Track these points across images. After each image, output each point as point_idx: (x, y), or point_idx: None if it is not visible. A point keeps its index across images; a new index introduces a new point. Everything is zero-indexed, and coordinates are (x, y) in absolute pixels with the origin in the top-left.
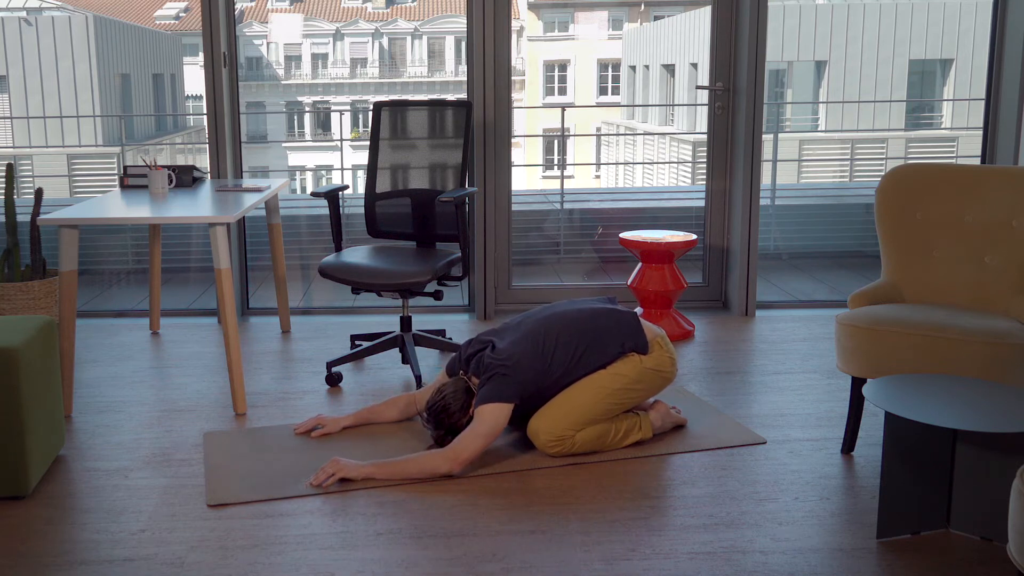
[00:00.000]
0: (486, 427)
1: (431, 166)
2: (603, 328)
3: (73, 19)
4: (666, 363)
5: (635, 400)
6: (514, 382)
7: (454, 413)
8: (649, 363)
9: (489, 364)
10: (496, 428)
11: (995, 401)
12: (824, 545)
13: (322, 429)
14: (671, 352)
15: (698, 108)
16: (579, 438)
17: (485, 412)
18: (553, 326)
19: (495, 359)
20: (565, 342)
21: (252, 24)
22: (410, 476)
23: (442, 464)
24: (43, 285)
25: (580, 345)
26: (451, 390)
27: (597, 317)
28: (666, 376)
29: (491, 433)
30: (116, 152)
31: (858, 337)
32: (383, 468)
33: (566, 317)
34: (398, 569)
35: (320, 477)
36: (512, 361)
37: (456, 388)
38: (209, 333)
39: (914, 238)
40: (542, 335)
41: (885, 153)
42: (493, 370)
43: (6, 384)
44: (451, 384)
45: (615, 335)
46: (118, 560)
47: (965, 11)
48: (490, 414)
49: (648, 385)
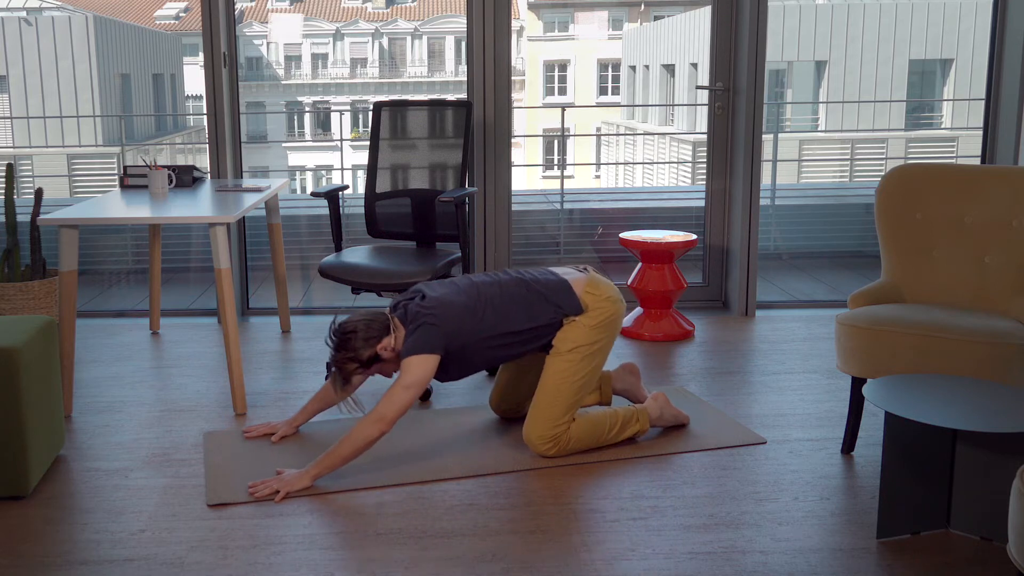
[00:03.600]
0: (412, 378)
1: (431, 166)
2: (534, 292)
3: (73, 19)
4: (607, 309)
5: (603, 358)
6: (440, 333)
7: (360, 340)
8: (591, 321)
9: (416, 313)
10: (422, 380)
11: (995, 401)
12: (824, 545)
13: (279, 433)
14: (606, 292)
15: (698, 108)
16: (574, 435)
17: (411, 364)
18: (486, 287)
19: (423, 307)
20: (496, 305)
21: (252, 24)
22: (350, 456)
23: (372, 429)
24: (43, 285)
25: (511, 308)
26: (370, 318)
27: (528, 284)
28: (615, 319)
29: (417, 384)
30: (116, 152)
31: (858, 337)
32: (324, 462)
33: (500, 282)
34: (398, 569)
35: (263, 492)
36: (439, 311)
37: (375, 318)
38: (209, 333)
39: (914, 238)
40: (475, 293)
41: (885, 153)
42: (420, 319)
43: (6, 384)
44: (373, 314)
45: (545, 299)
46: (118, 560)
47: (965, 11)
48: (416, 366)
49: (605, 336)
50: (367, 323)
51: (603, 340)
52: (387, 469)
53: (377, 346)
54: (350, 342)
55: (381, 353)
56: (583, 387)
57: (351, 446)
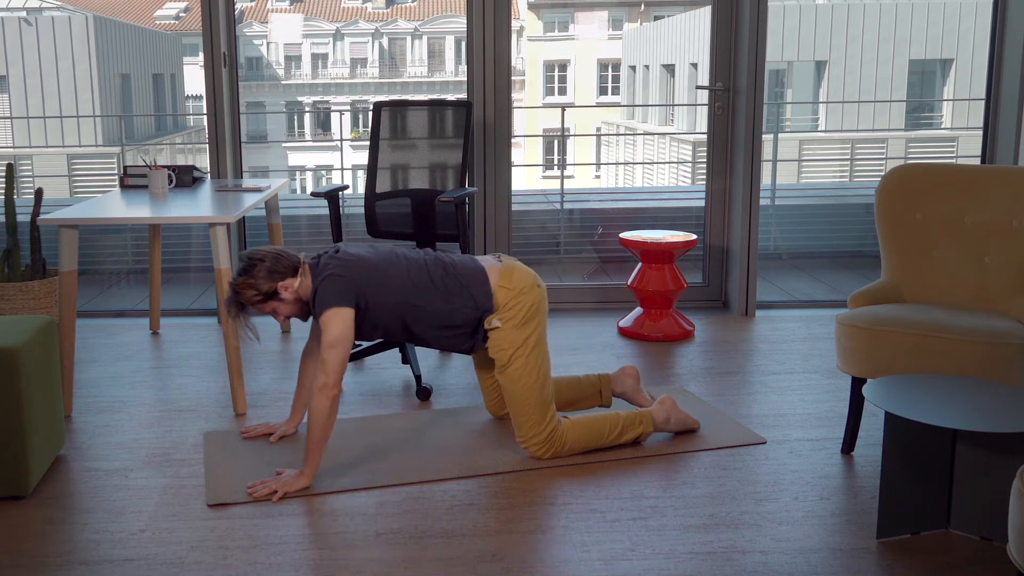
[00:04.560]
0: (332, 336)
1: (431, 166)
2: (452, 276)
3: (73, 19)
4: (525, 301)
5: (543, 344)
6: (346, 284)
7: (264, 271)
8: (514, 320)
9: (325, 264)
10: (343, 334)
11: (995, 401)
12: (824, 545)
13: (278, 433)
14: (520, 283)
15: (698, 108)
16: (570, 437)
17: (327, 321)
18: (405, 257)
19: (333, 259)
20: (412, 274)
21: (252, 24)
22: (321, 436)
23: (322, 400)
24: (43, 285)
25: (426, 283)
26: (282, 254)
27: (446, 265)
28: (536, 306)
29: (340, 340)
30: (116, 152)
31: (858, 337)
32: (309, 457)
33: (422, 259)
34: (398, 569)
35: (261, 492)
36: (347, 264)
37: (287, 256)
38: (209, 333)
39: (914, 238)
40: (391, 258)
41: (885, 153)
42: (327, 270)
43: (6, 384)
44: (288, 252)
45: (461, 284)
46: (118, 560)
47: (965, 11)
48: (332, 322)
49: (533, 326)
50: (276, 257)
51: (534, 331)
52: (387, 469)
53: (279, 282)
54: (255, 268)
55: (281, 292)
56: (544, 382)
57: (316, 426)
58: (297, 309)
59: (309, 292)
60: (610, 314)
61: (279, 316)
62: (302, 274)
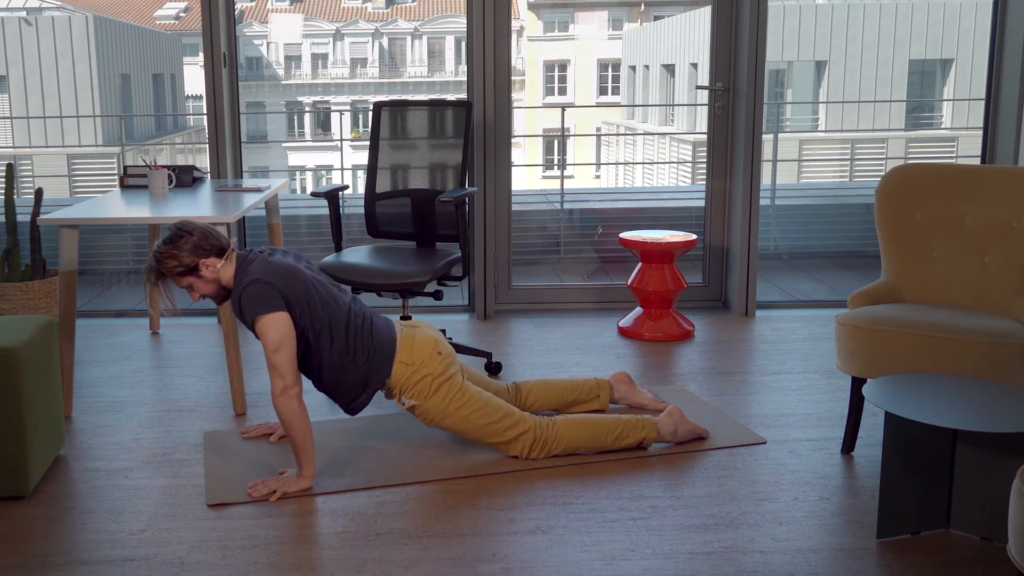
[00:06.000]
0: (272, 340)
1: (431, 166)
2: (364, 329)
3: (73, 19)
4: (429, 373)
5: (458, 378)
6: (275, 291)
7: (190, 245)
8: (422, 392)
9: (251, 269)
10: (283, 337)
11: (995, 401)
12: (824, 545)
13: (277, 433)
14: (420, 355)
15: (698, 108)
16: (563, 434)
17: (264, 328)
18: (332, 287)
19: (267, 264)
20: (329, 305)
21: (252, 24)
22: (302, 437)
23: (287, 402)
24: (43, 285)
25: (339, 318)
26: (212, 234)
27: (365, 316)
28: (439, 371)
29: (281, 343)
30: (116, 152)
31: (858, 337)
32: (301, 459)
33: (348, 297)
34: (398, 569)
35: (260, 491)
36: (276, 273)
37: (217, 237)
38: (209, 333)
39: (914, 238)
40: (320, 281)
41: (885, 153)
42: (251, 276)
43: (6, 384)
44: (218, 233)
45: (364, 342)
46: (118, 560)
47: (965, 11)
48: (267, 328)
49: (446, 385)
50: (205, 235)
51: (449, 389)
52: (387, 469)
53: (202, 259)
54: (181, 240)
55: (202, 269)
56: (482, 410)
57: (292, 430)
58: (213, 291)
59: (229, 280)
60: (610, 314)
61: (194, 293)
62: (227, 259)
